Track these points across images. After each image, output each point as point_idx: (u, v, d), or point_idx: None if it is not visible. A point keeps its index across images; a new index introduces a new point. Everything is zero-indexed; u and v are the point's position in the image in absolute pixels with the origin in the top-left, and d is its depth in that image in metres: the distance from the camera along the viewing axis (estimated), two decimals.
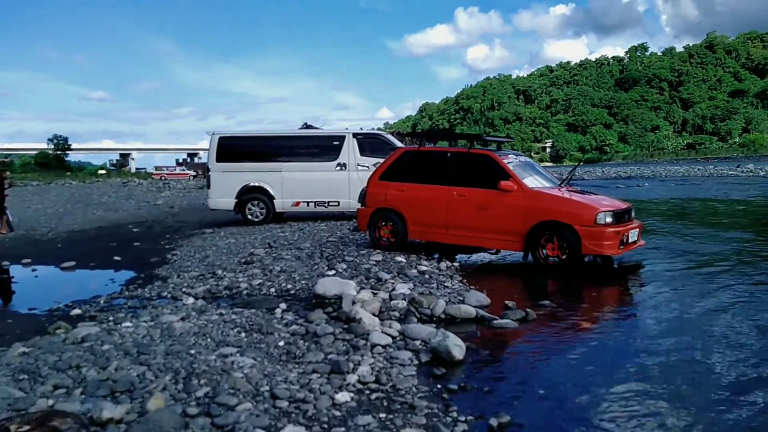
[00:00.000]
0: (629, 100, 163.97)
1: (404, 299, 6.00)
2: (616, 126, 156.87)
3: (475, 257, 9.49)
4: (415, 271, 7.72)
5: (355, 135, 14.66)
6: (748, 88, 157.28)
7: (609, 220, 7.83)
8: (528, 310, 5.78)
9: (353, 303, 5.82)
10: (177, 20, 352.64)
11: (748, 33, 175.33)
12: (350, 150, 14.40)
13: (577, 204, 8.02)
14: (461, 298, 6.26)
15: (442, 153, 9.16)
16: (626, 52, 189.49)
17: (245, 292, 7.10)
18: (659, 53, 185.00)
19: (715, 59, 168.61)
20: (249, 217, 14.46)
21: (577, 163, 9.83)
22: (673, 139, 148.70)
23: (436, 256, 9.52)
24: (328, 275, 7.62)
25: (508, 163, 8.66)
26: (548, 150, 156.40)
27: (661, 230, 12.09)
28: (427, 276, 7.46)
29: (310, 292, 6.70)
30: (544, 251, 8.12)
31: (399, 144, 14.32)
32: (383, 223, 9.47)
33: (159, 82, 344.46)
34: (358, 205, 13.65)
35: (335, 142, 14.53)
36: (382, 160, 13.57)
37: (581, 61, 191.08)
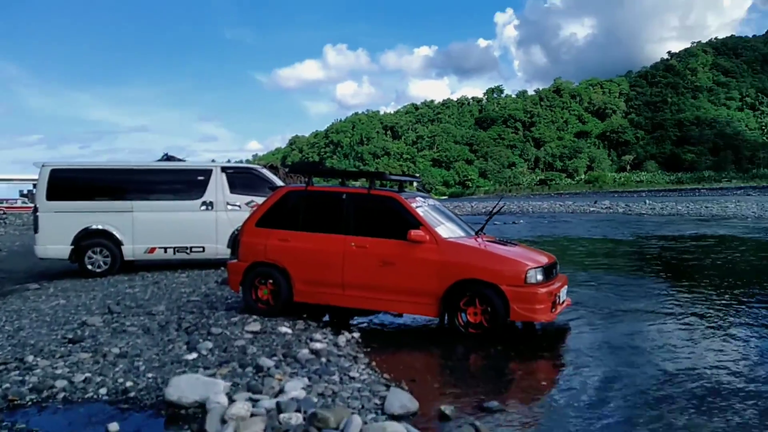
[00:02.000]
0: (488, 138, 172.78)
1: (300, 411, 4.15)
2: (477, 162, 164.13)
3: (377, 320, 7.81)
4: (306, 350, 5.88)
5: (224, 169, 12.55)
6: (591, 129, 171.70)
7: (540, 278, 6.51)
8: (476, 423, 4.14)
9: (223, 422, 3.92)
10: (23, 44, 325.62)
11: (590, 80, 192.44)
12: (218, 186, 12.27)
13: (502, 259, 6.63)
14: (379, 403, 4.51)
15: (336, 194, 7.44)
16: (484, 94, 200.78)
17: (62, 395, 4.89)
18: (513, 95, 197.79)
19: (562, 103, 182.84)
20: (89, 267, 11.78)
21: (496, 207, 8.51)
22: (527, 175, 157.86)
23: (328, 318, 7.76)
24: (188, 361, 5.61)
25: (417, 207, 7.14)
26: (415, 184, 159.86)
27: (573, 279, 11.11)
28: (324, 359, 5.65)
29: (159, 395, 4.68)
30: (464, 316, 6.62)
31: (276, 180, 12.44)
32: (262, 282, 7.54)
33: (1, 107, 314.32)
34: (227, 252, 11.61)
35: (200, 177, 12.33)
36: (256, 199, 11.73)
37: (444, 100, 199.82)
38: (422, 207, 7.23)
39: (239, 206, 12.10)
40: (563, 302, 7.03)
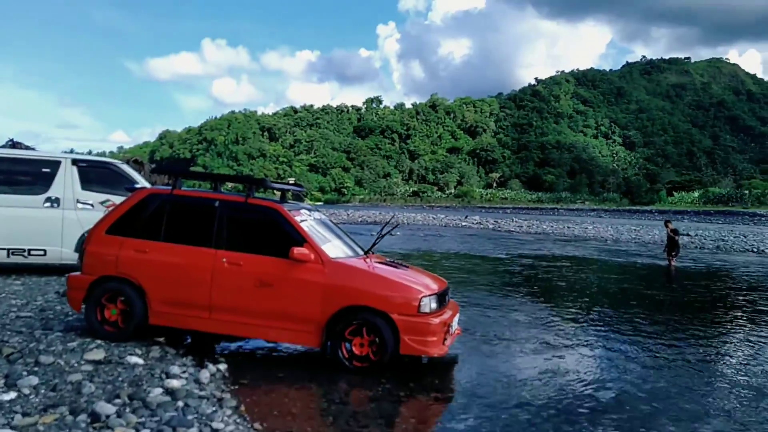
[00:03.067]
0: (365, 147, 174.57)
1: None
2: (353, 170, 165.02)
3: (248, 345, 6.85)
4: (159, 390, 4.84)
5: (75, 162, 10.91)
6: (462, 146, 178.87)
7: (434, 306, 5.91)
8: None
9: None
10: None
11: (464, 98, 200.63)
12: (67, 181, 10.64)
13: (393, 284, 5.95)
14: None
15: (207, 201, 6.41)
16: (364, 103, 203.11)
17: None
18: (392, 107, 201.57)
19: (437, 118, 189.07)
20: None
21: (386, 226, 7.86)
22: (401, 186, 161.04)
23: (188, 340, 6.71)
24: (1, 403, 4.41)
25: (302, 221, 6.30)
26: (290, 194, 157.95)
27: (455, 298, 10.69)
28: (181, 403, 4.65)
29: None
30: (348, 347, 5.86)
31: (138, 179, 11.04)
32: (110, 300, 6.34)
33: None
34: (74, 256, 10.05)
35: (45, 169, 10.63)
36: (113, 199, 10.29)
37: (324, 105, 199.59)
38: (307, 221, 6.40)
39: (92, 205, 10.58)
40: (454, 332, 6.49)
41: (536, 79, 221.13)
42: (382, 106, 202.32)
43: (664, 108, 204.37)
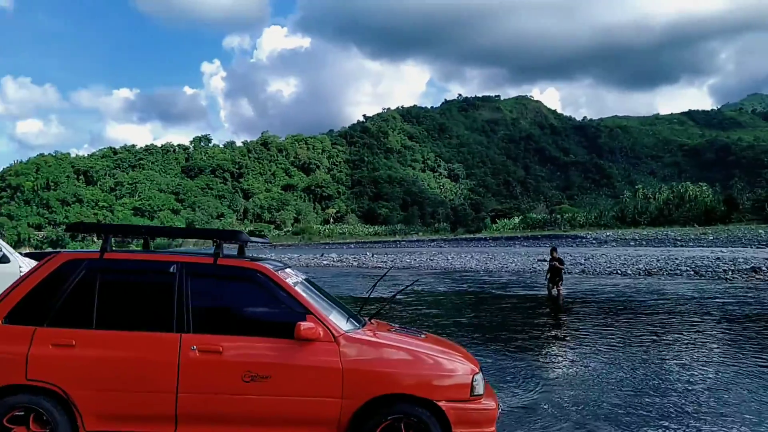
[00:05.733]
0: (196, 187, 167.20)
1: None
2: (183, 212, 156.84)
3: None
4: None
5: None
6: (297, 183, 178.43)
7: (483, 385, 4.65)
8: None
9: None
10: None
11: (296, 135, 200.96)
12: None
13: (435, 360, 4.53)
14: None
15: (159, 266, 4.62)
16: (191, 142, 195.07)
17: None
18: (221, 146, 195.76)
19: (270, 156, 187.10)
20: None
21: (381, 277, 6.49)
22: (237, 226, 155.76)
23: None
24: None
25: (294, 285, 4.76)
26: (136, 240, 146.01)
27: None
28: None
29: None
30: None
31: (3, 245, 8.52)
32: (17, 422, 4.29)
33: None
34: None
35: None
36: None
37: (147, 145, 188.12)
38: (299, 284, 4.86)
39: None
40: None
41: (364, 116, 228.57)
42: (211, 145, 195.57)
43: (481, 142, 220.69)
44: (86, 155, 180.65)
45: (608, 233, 77.95)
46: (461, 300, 17.24)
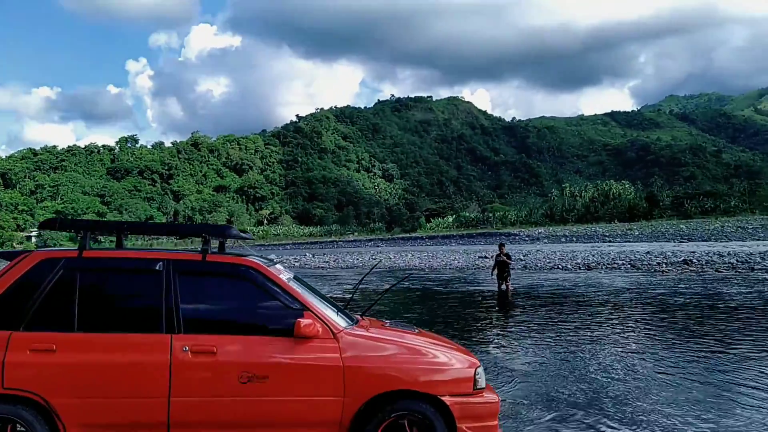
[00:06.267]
0: (122, 189, 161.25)
1: None
2: (110, 215, 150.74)
3: None
4: None
5: None
6: (230, 184, 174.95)
7: (484, 379, 4.64)
8: None
9: None
10: None
11: (227, 136, 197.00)
12: None
13: (437, 356, 4.46)
14: None
15: (145, 264, 4.37)
16: (117, 143, 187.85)
17: None
18: (149, 146, 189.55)
19: (201, 156, 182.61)
20: None
21: (366, 274, 6.39)
22: None
23: None
24: None
25: (288, 281, 4.61)
26: (34, 240, 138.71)
27: None
28: None
29: None
30: None
31: None
32: None
33: None
34: None
35: None
36: None
37: (70, 146, 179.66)
38: (292, 281, 4.71)
39: None
40: None
41: (297, 116, 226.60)
42: (138, 146, 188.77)
43: (414, 142, 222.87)
44: (4, 157, 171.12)
45: (540, 230, 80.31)
46: (409, 297, 17.31)
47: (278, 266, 4.84)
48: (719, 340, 9.45)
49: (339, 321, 4.45)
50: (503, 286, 17.35)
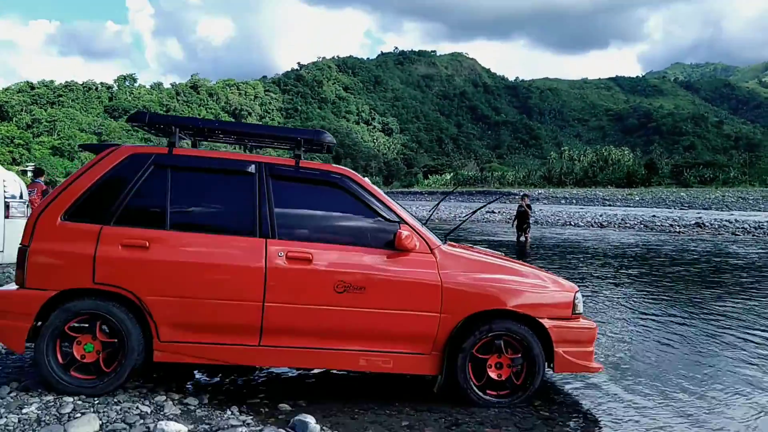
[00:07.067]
0: (120, 128, 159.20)
1: None
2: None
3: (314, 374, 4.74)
4: None
5: None
6: None
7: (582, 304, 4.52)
8: None
9: None
10: None
11: (227, 80, 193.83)
12: None
13: (536, 277, 4.39)
14: None
15: (238, 165, 4.20)
16: (115, 81, 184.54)
17: None
18: (148, 87, 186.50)
19: (200, 99, 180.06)
20: None
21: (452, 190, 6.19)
22: None
23: (216, 379, 4.42)
24: None
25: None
26: (29, 174, 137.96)
27: None
28: None
29: None
30: (476, 371, 4.18)
31: None
32: (84, 330, 3.86)
33: None
34: None
35: None
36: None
37: (67, 82, 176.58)
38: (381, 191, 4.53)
39: None
40: None
41: (299, 64, 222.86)
42: (136, 85, 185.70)
43: (416, 97, 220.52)
44: (0, 89, 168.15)
45: (540, 191, 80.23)
46: None
47: (367, 179, 4.67)
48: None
49: (433, 237, 4.29)
50: (522, 237, 17.30)
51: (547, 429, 3.86)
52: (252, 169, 4.17)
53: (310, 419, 3.62)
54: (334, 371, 4.79)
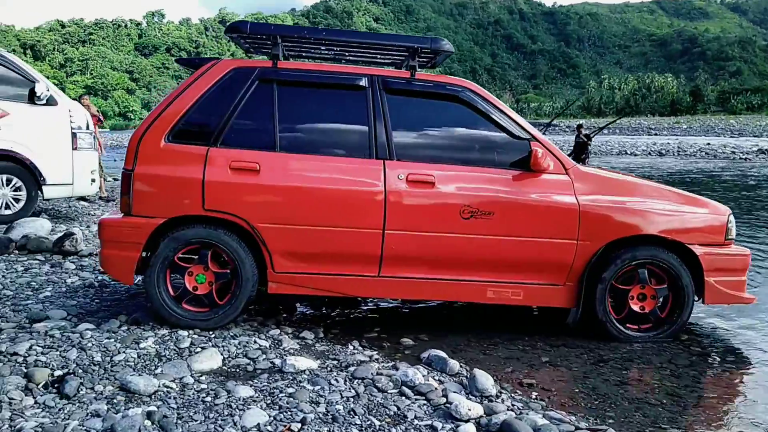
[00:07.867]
0: (151, 66, 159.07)
1: None
2: (139, 92, 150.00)
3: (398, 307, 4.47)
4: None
5: None
6: None
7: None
8: None
9: None
10: None
11: (255, 14, 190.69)
12: None
13: (687, 199, 3.94)
14: None
15: (348, 79, 3.77)
16: (144, 17, 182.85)
17: None
18: (176, 23, 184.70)
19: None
20: None
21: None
22: None
23: (323, 311, 4.17)
24: None
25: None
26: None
27: None
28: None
29: None
30: (617, 303, 3.83)
31: (32, 72, 7.35)
32: (197, 260, 3.58)
33: None
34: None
35: None
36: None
37: (97, 20, 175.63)
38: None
39: None
40: None
41: None
42: (165, 21, 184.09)
43: (449, 26, 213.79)
44: (32, 28, 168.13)
45: (581, 121, 78.17)
46: None
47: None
48: None
49: (566, 157, 3.84)
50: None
51: (706, 366, 3.51)
52: (364, 82, 3.73)
53: (446, 355, 3.32)
54: (433, 303, 4.49)
